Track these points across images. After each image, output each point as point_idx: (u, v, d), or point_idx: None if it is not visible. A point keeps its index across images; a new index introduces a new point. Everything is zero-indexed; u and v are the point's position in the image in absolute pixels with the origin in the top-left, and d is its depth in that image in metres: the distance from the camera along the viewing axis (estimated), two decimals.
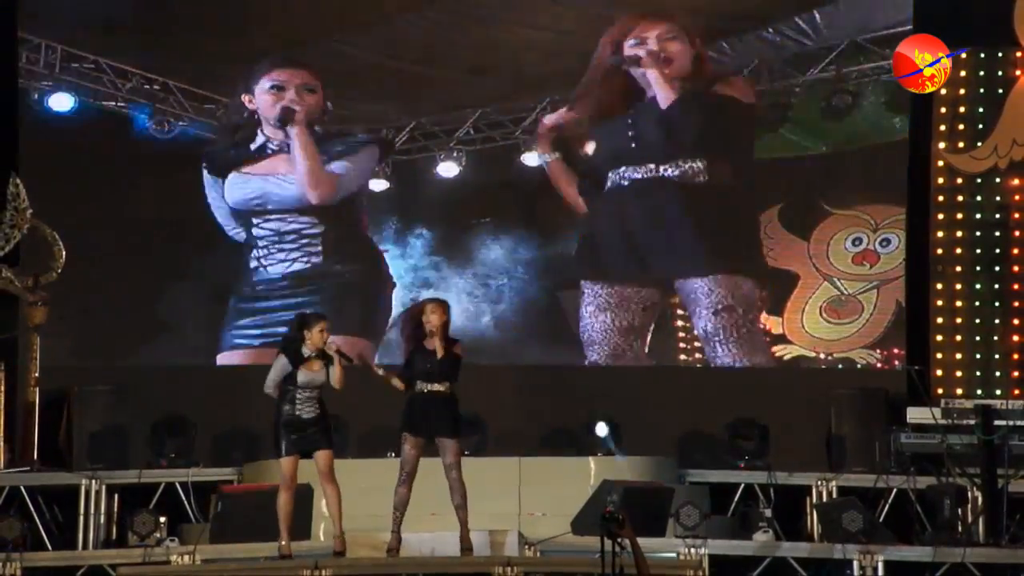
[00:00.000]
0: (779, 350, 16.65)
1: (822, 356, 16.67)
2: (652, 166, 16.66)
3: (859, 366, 16.54)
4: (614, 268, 16.77)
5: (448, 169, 17.25)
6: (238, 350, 16.58)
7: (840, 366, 16.56)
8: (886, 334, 16.55)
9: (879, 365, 16.50)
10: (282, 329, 14.08)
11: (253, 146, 16.92)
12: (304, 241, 16.79)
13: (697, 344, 16.64)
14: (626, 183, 16.72)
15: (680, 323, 16.82)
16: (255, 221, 16.81)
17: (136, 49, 16.77)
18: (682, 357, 16.78)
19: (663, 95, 16.60)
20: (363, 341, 16.39)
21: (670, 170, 16.63)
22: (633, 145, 16.77)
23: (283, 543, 12.35)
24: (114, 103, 16.92)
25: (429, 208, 17.09)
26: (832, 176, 16.82)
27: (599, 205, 16.88)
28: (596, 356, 16.68)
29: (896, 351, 16.48)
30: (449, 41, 16.87)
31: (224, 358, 16.57)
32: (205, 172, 16.85)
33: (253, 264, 16.75)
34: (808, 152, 16.93)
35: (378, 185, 17.21)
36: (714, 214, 16.71)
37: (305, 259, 16.78)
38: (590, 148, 16.96)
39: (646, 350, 16.70)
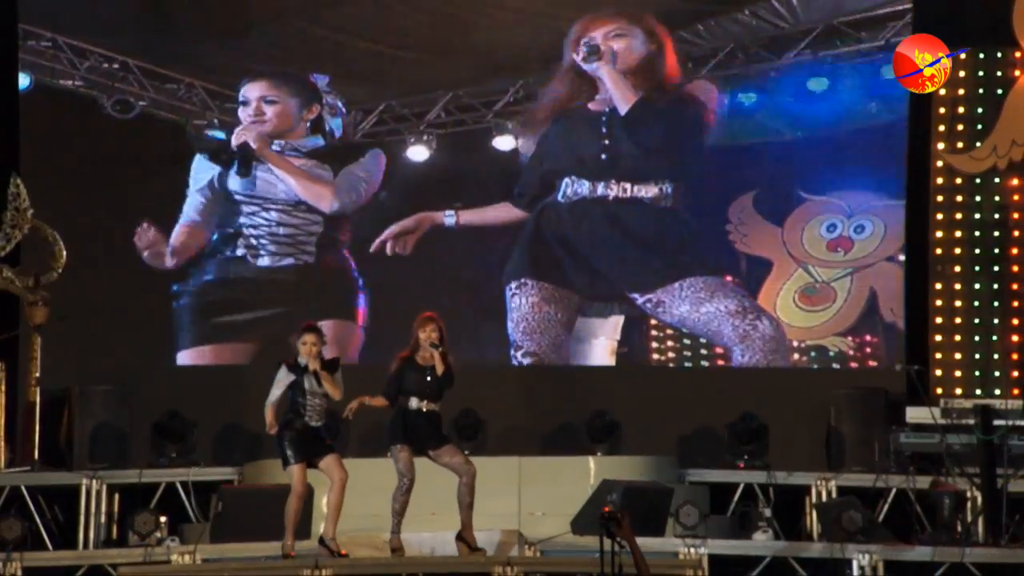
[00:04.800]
0: None
1: (795, 344, 16.54)
2: (628, 185, 16.53)
3: (831, 353, 16.44)
4: (567, 276, 16.58)
5: (418, 153, 17.03)
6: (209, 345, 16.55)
7: (813, 353, 16.45)
8: (859, 321, 16.48)
9: (851, 352, 16.42)
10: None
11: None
12: (302, 238, 16.66)
13: (670, 344, 16.58)
14: (594, 196, 16.55)
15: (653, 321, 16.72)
16: (248, 210, 16.65)
17: (94, 27, 16.54)
18: (655, 356, 16.71)
19: (620, 97, 16.50)
20: (347, 323, 16.35)
21: (643, 191, 16.52)
22: (603, 156, 16.63)
23: (287, 543, 12.36)
24: (71, 83, 16.67)
25: (399, 193, 16.87)
26: (807, 162, 16.64)
27: (555, 213, 16.68)
28: (534, 346, 16.40)
29: (869, 338, 16.42)
30: (419, 21, 16.65)
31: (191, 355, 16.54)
32: (205, 160, 16.67)
33: (240, 252, 16.61)
34: (783, 137, 16.73)
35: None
36: (679, 234, 16.60)
37: (296, 256, 16.65)
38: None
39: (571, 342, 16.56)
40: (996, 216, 15.92)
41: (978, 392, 15.42)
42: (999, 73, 16.01)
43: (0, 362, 15.21)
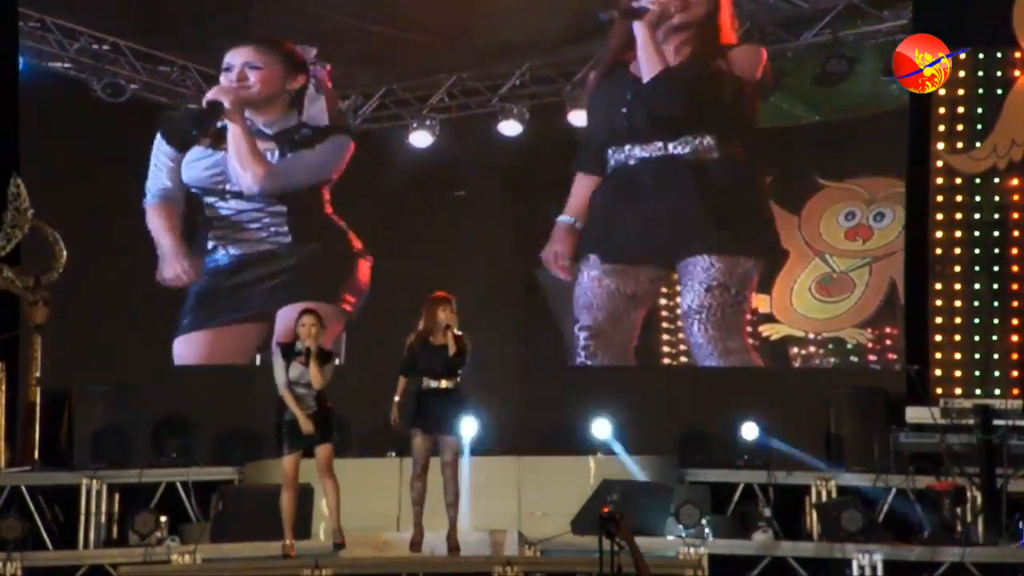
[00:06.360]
0: (766, 329, 16.33)
1: (811, 336, 16.36)
2: (660, 144, 16.09)
3: (849, 346, 16.24)
4: (625, 249, 16.29)
5: (421, 138, 16.81)
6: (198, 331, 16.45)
7: (831, 345, 16.27)
8: (878, 313, 16.24)
9: (870, 345, 16.22)
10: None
11: (220, 123, 16.43)
12: (268, 221, 16.43)
13: (683, 348, 16.43)
14: (632, 162, 16.13)
15: (666, 325, 16.56)
16: (209, 201, 16.44)
17: (84, 7, 16.33)
18: (666, 361, 16.56)
19: (646, 65, 15.95)
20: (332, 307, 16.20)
21: (680, 148, 16.07)
22: (625, 124, 16.22)
23: (287, 543, 12.36)
24: (61, 65, 16.43)
25: (400, 180, 16.65)
26: (826, 147, 16.30)
27: (603, 182, 16.36)
28: (589, 320, 16.21)
29: (888, 330, 16.19)
30: (422, 2, 16.34)
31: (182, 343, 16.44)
32: (162, 143, 16.44)
33: (211, 244, 16.49)
34: (801, 121, 16.38)
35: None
36: (724, 192, 16.17)
37: (272, 239, 16.46)
38: (578, 120, 16.42)
39: (642, 319, 16.31)
40: (996, 216, 15.90)
41: (978, 392, 15.41)
42: (999, 73, 15.99)
43: (0, 362, 15.23)
